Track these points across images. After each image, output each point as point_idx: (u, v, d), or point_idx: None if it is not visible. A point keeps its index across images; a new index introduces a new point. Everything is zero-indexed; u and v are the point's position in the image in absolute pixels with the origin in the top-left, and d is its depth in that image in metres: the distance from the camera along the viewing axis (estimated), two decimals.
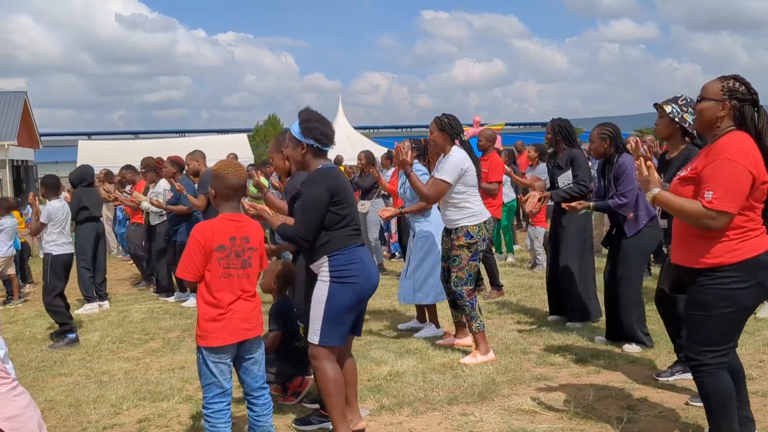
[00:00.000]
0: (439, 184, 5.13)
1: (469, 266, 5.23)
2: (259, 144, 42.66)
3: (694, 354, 3.18)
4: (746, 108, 3.12)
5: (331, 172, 3.67)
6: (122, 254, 13.22)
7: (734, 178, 2.99)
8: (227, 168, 3.41)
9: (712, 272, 3.09)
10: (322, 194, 3.55)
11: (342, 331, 3.64)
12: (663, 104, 4.20)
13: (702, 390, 3.21)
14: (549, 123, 6.33)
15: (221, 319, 3.26)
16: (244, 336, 3.32)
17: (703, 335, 3.14)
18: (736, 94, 3.12)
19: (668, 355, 5.03)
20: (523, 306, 7.14)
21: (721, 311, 3.09)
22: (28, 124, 35.87)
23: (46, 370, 5.73)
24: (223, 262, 3.28)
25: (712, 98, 3.17)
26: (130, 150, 24.88)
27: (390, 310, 7.29)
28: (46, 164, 48.89)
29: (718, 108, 3.15)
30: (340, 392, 3.64)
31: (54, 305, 6.58)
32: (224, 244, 3.29)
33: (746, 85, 3.14)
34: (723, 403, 3.14)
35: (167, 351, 6.09)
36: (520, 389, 4.56)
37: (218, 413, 3.30)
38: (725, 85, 3.14)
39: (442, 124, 5.27)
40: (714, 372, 3.14)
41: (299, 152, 3.70)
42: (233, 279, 3.31)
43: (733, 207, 2.99)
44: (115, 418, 4.46)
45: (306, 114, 3.70)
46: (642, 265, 5.48)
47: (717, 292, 3.09)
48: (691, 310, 3.21)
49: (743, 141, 3.06)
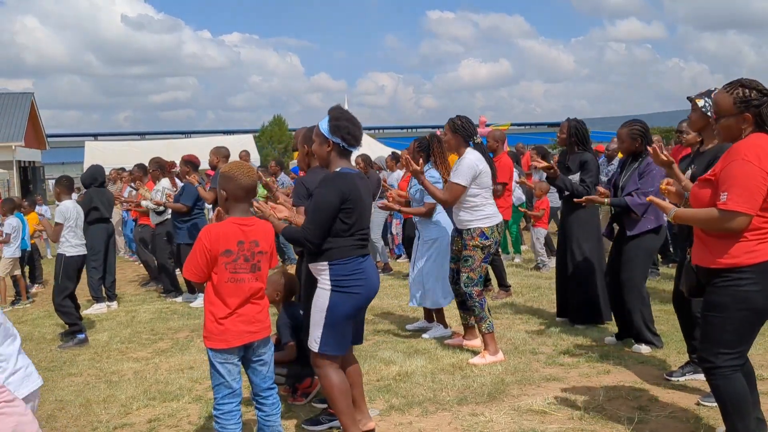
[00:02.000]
0: (454, 187, 5.15)
1: (481, 267, 5.24)
2: (265, 145, 42.62)
3: (709, 356, 3.15)
4: (764, 109, 3.07)
5: (349, 177, 3.59)
6: (129, 255, 13.26)
7: (748, 179, 2.96)
8: (239, 169, 3.36)
9: (728, 273, 3.07)
10: (333, 198, 3.50)
11: (341, 340, 3.60)
12: (696, 98, 4.17)
13: (717, 392, 3.19)
14: (564, 122, 6.21)
15: (225, 323, 3.25)
16: (249, 339, 3.30)
17: (718, 337, 3.12)
18: (750, 101, 3.07)
19: (678, 355, 5.02)
20: (531, 307, 7.13)
21: (736, 313, 3.07)
22: (36, 125, 36.04)
23: (56, 370, 5.74)
24: (229, 266, 3.24)
25: (729, 114, 3.12)
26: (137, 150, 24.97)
27: (398, 310, 7.29)
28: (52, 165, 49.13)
29: (740, 121, 3.11)
30: (346, 397, 3.63)
31: (64, 306, 6.61)
32: (231, 248, 3.25)
33: (755, 89, 3.09)
34: (738, 406, 3.12)
35: (176, 351, 6.11)
36: (530, 389, 4.55)
37: (228, 414, 3.30)
38: (736, 97, 3.10)
39: (455, 126, 5.29)
40: (729, 375, 3.11)
41: (325, 149, 3.65)
42: (241, 284, 3.26)
43: (747, 208, 2.97)
44: (125, 417, 4.47)
45: (337, 112, 3.65)
46: (646, 266, 5.45)
47: (733, 294, 3.07)
48: (707, 311, 3.19)
49: (761, 142, 3.03)
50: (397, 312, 7.22)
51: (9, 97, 34.07)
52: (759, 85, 3.11)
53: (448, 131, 5.32)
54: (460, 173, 5.14)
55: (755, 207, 2.99)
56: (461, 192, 5.16)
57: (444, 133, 5.39)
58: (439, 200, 5.31)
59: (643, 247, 5.26)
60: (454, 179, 5.16)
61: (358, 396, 3.85)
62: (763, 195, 2.98)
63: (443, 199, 5.24)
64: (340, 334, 3.59)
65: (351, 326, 3.67)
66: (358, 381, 3.88)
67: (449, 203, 5.25)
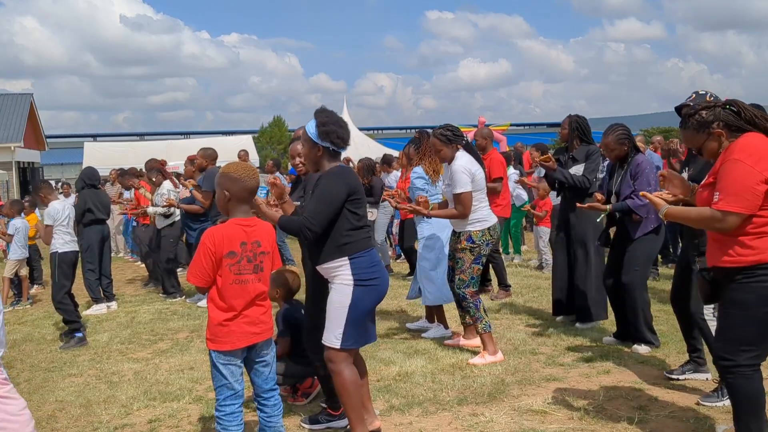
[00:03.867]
0: (463, 197, 5.16)
1: (472, 269, 5.25)
2: (265, 146, 42.64)
3: (729, 354, 3.09)
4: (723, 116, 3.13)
5: (351, 171, 3.71)
6: (129, 255, 13.25)
7: (739, 178, 2.97)
8: (245, 171, 3.34)
9: (752, 270, 3.02)
10: (340, 190, 3.55)
11: (363, 333, 3.67)
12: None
13: (733, 391, 3.13)
14: (566, 118, 6.29)
15: (230, 324, 3.25)
16: (253, 340, 3.31)
17: (739, 335, 3.07)
18: (706, 121, 3.16)
19: (678, 355, 5.02)
20: (531, 307, 7.13)
21: (760, 310, 3.02)
22: (35, 126, 36.02)
23: (56, 370, 5.75)
24: (234, 268, 3.24)
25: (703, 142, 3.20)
26: (135, 151, 25.00)
27: (397, 310, 7.30)
28: (52, 166, 49.10)
29: (715, 139, 3.17)
30: (358, 393, 3.67)
31: (63, 303, 6.66)
32: (235, 250, 3.24)
33: (703, 109, 3.18)
34: (755, 406, 3.08)
35: (176, 351, 6.11)
36: (530, 390, 4.56)
37: (230, 416, 3.30)
38: (695, 124, 3.20)
39: (447, 138, 5.27)
40: (749, 374, 3.07)
41: (315, 153, 3.71)
42: (246, 285, 3.26)
43: (739, 207, 2.97)
44: (126, 418, 4.47)
45: (323, 116, 3.67)
46: (647, 269, 5.46)
47: (758, 290, 3.01)
48: (729, 309, 3.13)
49: (755, 141, 3.04)
50: (396, 312, 7.23)
51: (8, 98, 34.08)
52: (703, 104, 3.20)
53: (442, 145, 5.27)
54: (459, 182, 5.15)
55: (748, 206, 2.97)
56: (470, 197, 5.18)
57: (437, 150, 5.32)
58: (456, 217, 5.27)
59: (644, 249, 5.26)
60: (457, 190, 5.16)
61: (365, 395, 3.89)
62: (759, 193, 2.97)
63: (459, 214, 5.21)
64: (363, 328, 3.65)
65: (371, 319, 3.72)
66: (364, 380, 3.92)
67: (466, 214, 5.21)
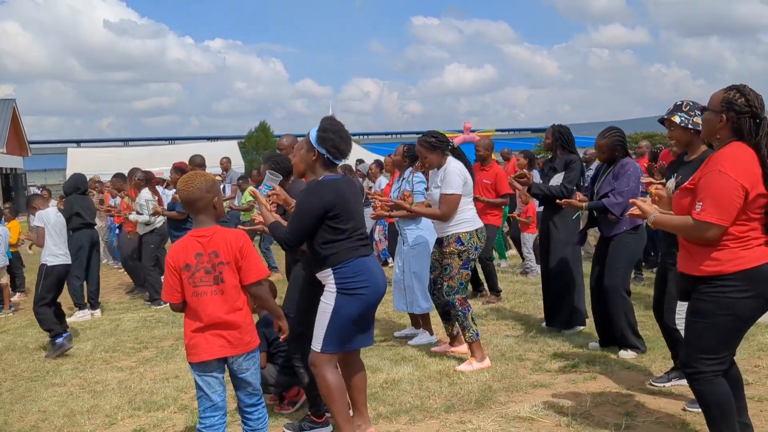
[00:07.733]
0: (450, 198, 5.13)
1: (460, 275, 5.21)
2: (250, 151, 42.50)
3: (692, 361, 3.18)
4: (743, 120, 3.10)
5: (332, 184, 3.63)
6: (113, 262, 13.14)
7: (723, 190, 3.00)
8: (182, 183, 3.32)
9: (713, 280, 3.10)
10: (316, 205, 3.56)
11: (344, 339, 3.66)
12: (670, 117, 4.11)
13: (700, 398, 3.21)
14: (549, 128, 6.34)
15: (196, 336, 3.24)
16: (224, 353, 3.25)
17: (701, 343, 3.15)
18: (733, 106, 3.11)
19: (664, 360, 5.04)
20: (518, 312, 7.14)
21: (720, 319, 3.10)
22: (17, 131, 35.71)
23: (38, 380, 5.67)
24: (190, 281, 3.21)
25: (712, 109, 3.18)
26: (120, 157, 24.87)
27: (384, 317, 7.27)
28: (35, 172, 48.59)
29: (717, 119, 3.16)
30: (343, 397, 3.67)
31: (41, 312, 6.54)
32: (189, 262, 3.22)
33: (746, 97, 3.11)
34: (723, 411, 3.15)
35: (161, 360, 6.05)
36: (517, 396, 4.56)
37: (211, 428, 3.26)
38: (725, 97, 3.14)
39: (431, 145, 5.25)
40: (711, 379, 3.14)
41: (311, 157, 3.74)
42: (203, 297, 3.21)
43: (719, 219, 3.00)
44: (110, 428, 4.42)
45: (327, 123, 3.73)
46: (628, 272, 5.49)
47: (716, 300, 3.10)
48: (692, 317, 3.22)
49: (739, 152, 3.06)
50: (383, 319, 7.20)
51: None
52: (751, 98, 3.11)
53: (427, 152, 5.25)
54: (451, 183, 5.13)
55: (728, 219, 3.01)
56: (458, 200, 5.13)
57: (423, 156, 5.30)
58: (437, 217, 5.23)
59: (623, 250, 5.28)
60: (447, 190, 5.13)
61: (362, 402, 3.90)
62: (738, 206, 3.01)
63: (441, 214, 5.17)
64: (345, 334, 3.65)
65: (356, 328, 3.70)
66: (363, 386, 3.93)
67: (448, 216, 5.17)
